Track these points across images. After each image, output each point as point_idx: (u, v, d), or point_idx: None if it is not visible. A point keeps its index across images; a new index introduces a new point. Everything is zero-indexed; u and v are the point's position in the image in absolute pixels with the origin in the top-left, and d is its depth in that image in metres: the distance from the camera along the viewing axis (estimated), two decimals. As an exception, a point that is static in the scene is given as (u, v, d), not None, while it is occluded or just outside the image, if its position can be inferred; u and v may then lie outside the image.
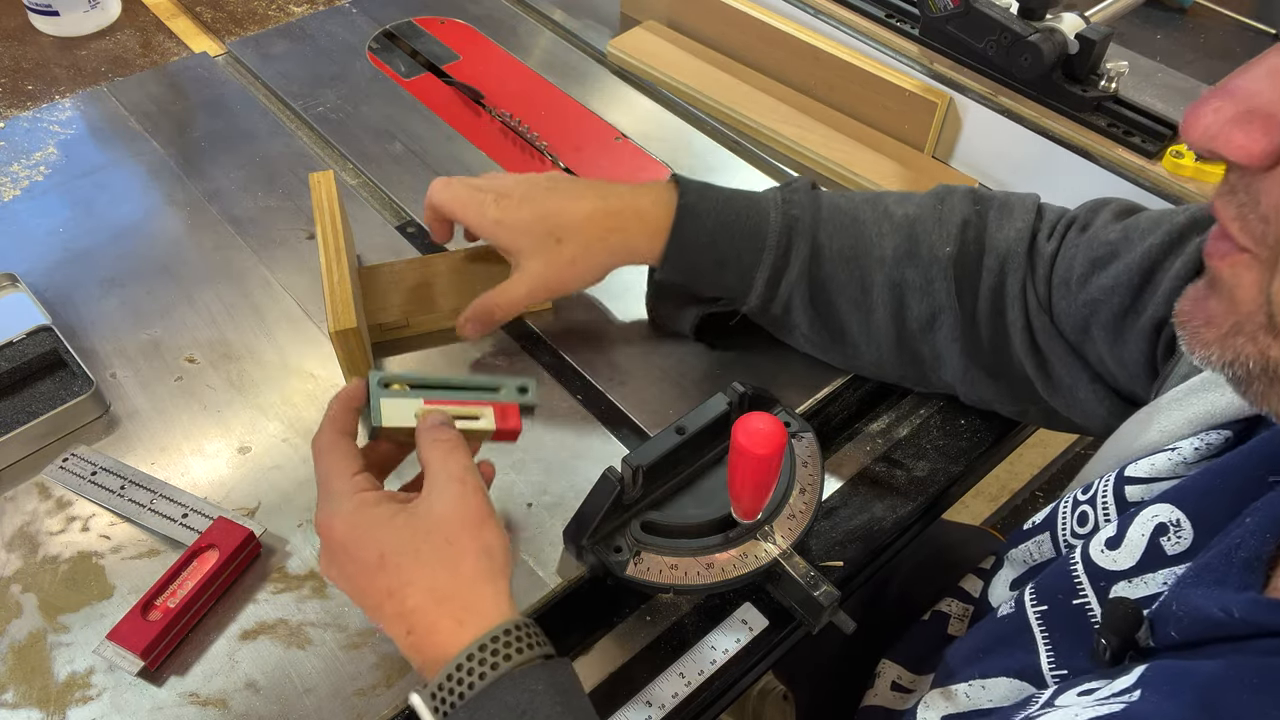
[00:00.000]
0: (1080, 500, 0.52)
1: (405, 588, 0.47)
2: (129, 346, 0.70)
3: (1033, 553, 0.56)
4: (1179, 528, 0.43)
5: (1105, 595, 0.45)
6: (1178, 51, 1.04)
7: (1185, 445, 0.46)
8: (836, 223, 0.62)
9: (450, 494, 0.48)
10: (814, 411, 0.69)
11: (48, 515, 0.61)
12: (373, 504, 0.49)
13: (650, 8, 1.02)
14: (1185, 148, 0.76)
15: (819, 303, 0.63)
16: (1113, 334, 0.55)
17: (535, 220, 0.62)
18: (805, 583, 0.55)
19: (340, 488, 0.50)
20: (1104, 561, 0.46)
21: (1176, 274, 0.52)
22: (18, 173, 0.83)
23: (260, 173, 0.84)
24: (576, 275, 0.64)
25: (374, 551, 0.48)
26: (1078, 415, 0.61)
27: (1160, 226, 0.54)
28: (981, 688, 0.50)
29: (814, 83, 0.92)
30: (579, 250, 0.63)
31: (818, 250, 0.62)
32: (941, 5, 0.84)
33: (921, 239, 0.61)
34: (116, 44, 1.01)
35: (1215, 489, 0.43)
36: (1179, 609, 0.39)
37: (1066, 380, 0.59)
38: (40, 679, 0.54)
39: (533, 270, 0.63)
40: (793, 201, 0.63)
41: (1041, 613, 0.49)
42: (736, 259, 0.62)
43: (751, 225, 0.62)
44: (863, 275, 0.62)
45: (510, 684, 0.44)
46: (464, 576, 0.47)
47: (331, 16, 1.03)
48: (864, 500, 0.66)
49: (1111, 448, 0.53)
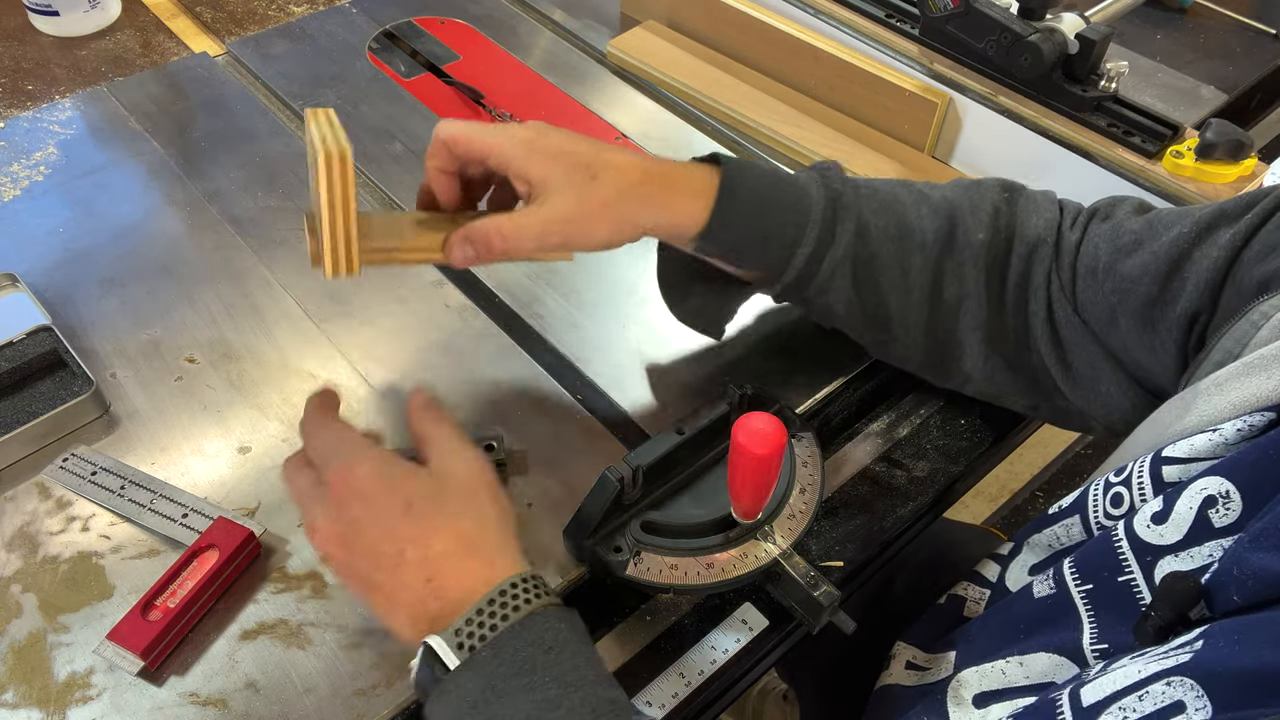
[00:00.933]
0: (1113, 482, 0.51)
1: (433, 534, 0.48)
2: (129, 346, 0.70)
3: (1060, 536, 0.56)
4: (1228, 499, 0.43)
5: (1151, 570, 0.45)
6: (1178, 51, 1.04)
7: (1227, 427, 0.46)
8: (878, 201, 0.60)
9: (464, 457, 0.52)
10: (814, 411, 0.69)
11: (48, 515, 0.61)
12: (394, 459, 0.51)
13: (650, 8, 1.02)
14: (1185, 148, 0.76)
15: (862, 281, 0.60)
16: (1141, 323, 0.55)
17: (571, 149, 0.55)
18: (805, 583, 0.55)
19: (360, 443, 0.52)
20: (1150, 536, 0.45)
21: (1205, 266, 0.52)
22: (18, 173, 0.83)
23: (260, 173, 0.84)
24: (606, 222, 0.55)
25: (400, 499, 0.49)
26: (1097, 409, 0.61)
27: (1187, 217, 0.55)
28: (1020, 664, 0.50)
29: (814, 83, 0.92)
30: (614, 193, 0.55)
31: (864, 227, 0.59)
32: (941, 5, 0.84)
33: (959, 223, 0.60)
34: (116, 44, 1.01)
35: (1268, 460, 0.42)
36: (1240, 573, 0.39)
37: (1087, 372, 0.59)
38: (40, 679, 0.54)
39: (556, 204, 0.54)
40: (831, 178, 0.61)
41: (1087, 591, 0.48)
42: (779, 232, 0.59)
43: (793, 198, 0.59)
44: (903, 256, 0.60)
45: (539, 620, 0.46)
46: (490, 528, 0.50)
47: (331, 16, 1.03)
48: (864, 500, 0.66)
49: (1144, 432, 0.53)
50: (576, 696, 0.44)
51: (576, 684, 0.45)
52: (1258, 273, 0.50)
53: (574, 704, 0.44)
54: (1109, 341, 0.58)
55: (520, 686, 0.45)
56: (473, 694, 0.44)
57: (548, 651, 0.45)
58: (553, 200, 0.54)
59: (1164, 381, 0.57)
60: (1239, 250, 0.51)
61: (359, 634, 0.56)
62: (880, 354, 0.67)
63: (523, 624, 0.46)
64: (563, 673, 0.45)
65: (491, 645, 0.45)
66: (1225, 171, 0.75)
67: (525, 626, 0.46)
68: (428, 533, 0.48)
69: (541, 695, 0.44)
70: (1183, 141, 0.78)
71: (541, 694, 0.44)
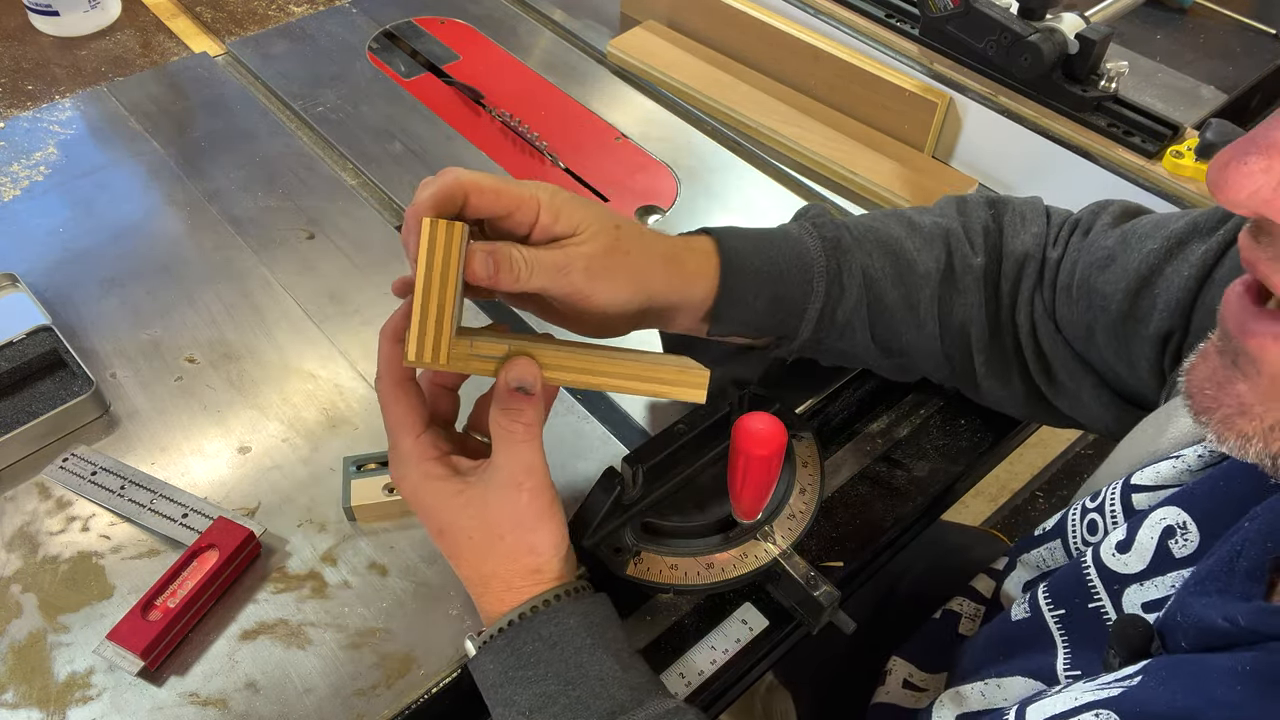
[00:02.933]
0: (1089, 508, 0.52)
1: (457, 560, 0.52)
2: (129, 346, 0.70)
3: (1045, 559, 0.57)
4: (1186, 530, 0.43)
5: (1119, 599, 0.45)
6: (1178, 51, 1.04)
7: (1189, 454, 0.46)
8: (872, 240, 0.59)
9: (504, 497, 0.50)
10: (814, 411, 0.69)
11: (48, 515, 0.61)
12: (436, 478, 0.51)
13: (650, 8, 1.02)
14: (1185, 148, 0.76)
15: (876, 324, 0.60)
16: (1116, 339, 0.55)
17: (599, 206, 0.54)
18: (805, 583, 0.55)
19: (406, 450, 0.51)
20: (1116, 565, 0.46)
21: (1176, 284, 0.52)
22: (18, 173, 0.83)
23: (260, 173, 0.84)
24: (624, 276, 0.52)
25: (435, 523, 0.52)
26: (1084, 418, 0.61)
27: (1159, 231, 0.54)
28: (997, 687, 0.50)
29: (814, 83, 0.92)
30: (638, 250, 0.53)
31: (868, 271, 0.59)
32: (941, 5, 0.84)
33: (955, 249, 0.60)
34: (116, 44, 1.01)
35: (1219, 492, 0.43)
36: (1183, 619, 0.39)
37: (1070, 385, 0.59)
38: (40, 679, 0.54)
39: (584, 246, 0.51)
40: (823, 225, 0.59)
41: (1060, 616, 0.49)
42: (787, 294, 0.57)
43: (794, 255, 0.57)
44: (910, 293, 0.59)
45: (545, 618, 0.49)
46: (506, 568, 0.51)
47: (331, 16, 1.03)
48: (864, 500, 0.66)
49: (1121, 454, 0.53)
50: (573, 694, 0.47)
51: (575, 682, 0.47)
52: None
53: (570, 701, 0.47)
54: (1089, 356, 0.58)
55: (526, 678, 0.48)
56: (493, 676, 0.49)
57: (551, 647, 0.48)
58: (578, 242, 0.51)
59: (1146, 392, 0.57)
60: (1210, 269, 0.51)
61: (359, 634, 0.56)
62: (903, 378, 0.66)
63: (533, 617, 0.49)
64: (564, 669, 0.47)
65: (505, 635, 0.49)
66: (1225, 171, 0.75)
67: (533, 622, 0.49)
68: (455, 557, 0.52)
69: (541, 689, 0.47)
70: (1183, 141, 0.78)
71: (541, 688, 0.47)
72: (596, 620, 0.50)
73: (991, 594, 0.63)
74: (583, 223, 0.52)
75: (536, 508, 0.50)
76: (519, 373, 0.49)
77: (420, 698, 0.54)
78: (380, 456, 0.63)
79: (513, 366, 0.49)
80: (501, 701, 0.48)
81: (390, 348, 0.51)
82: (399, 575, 0.59)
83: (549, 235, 0.51)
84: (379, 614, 0.57)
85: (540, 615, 0.49)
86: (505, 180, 0.51)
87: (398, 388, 0.51)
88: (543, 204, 0.50)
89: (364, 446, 0.65)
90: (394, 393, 0.51)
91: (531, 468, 0.50)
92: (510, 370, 0.49)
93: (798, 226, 0.60)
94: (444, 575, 0.59)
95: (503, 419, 0.50)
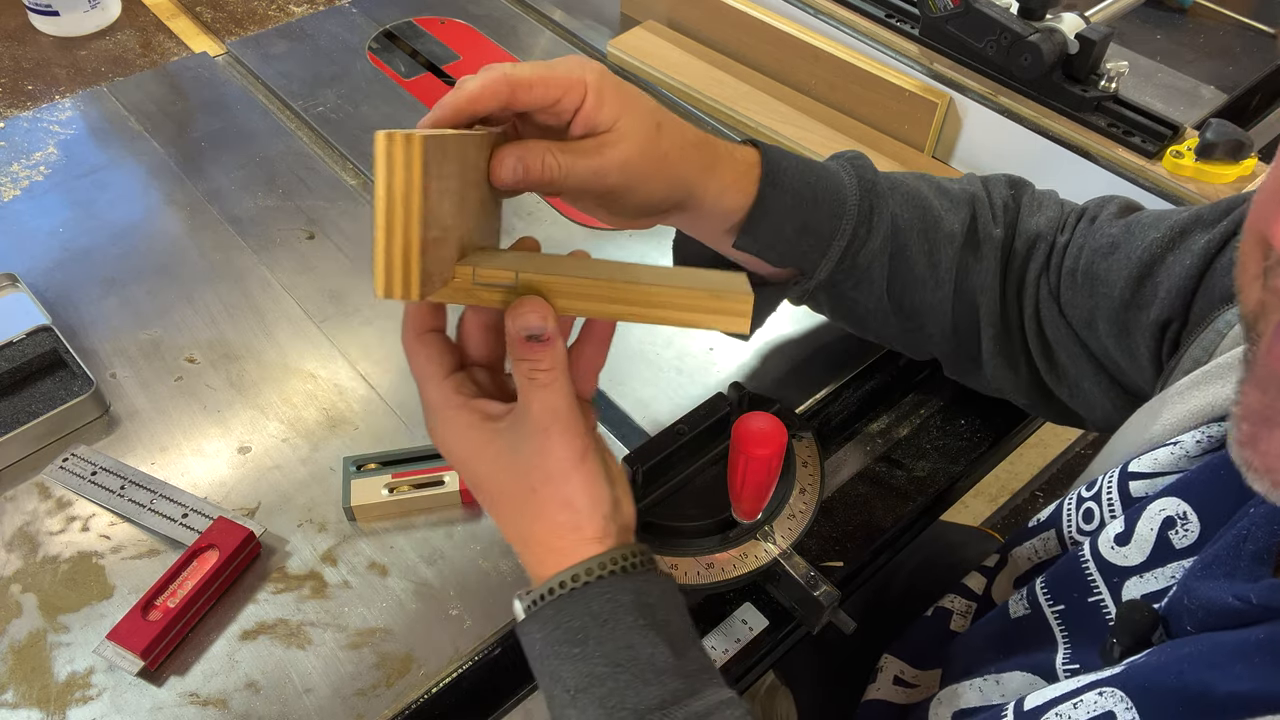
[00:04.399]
0: (1085, 497, 0.52)
1: (496, 516, 0.48)
2: (129, 346, 0.70)
3: (1038, 549, 0.56)
4: (1186, 520, 0.43)
5: (1118, 591, 0.45)
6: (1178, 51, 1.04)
7: (1187, 439, 0.46)
8: (903, 192, 0.58)
9: (532, 445, 0.45)
10: (814, 411, 0.69)
11: (48, 515, 0.61)
12: (463, 425, 0.46)
13: (650, 8, 1.02)
14: (1185, 148, 0.76)
15: (895, 276, 0.58)
16: (1117, 327, 0.56)
17: (639, 94, 0.50)
18: (805, 583, 0.55)
19: (430, 398, 0.47)
20: (1114, 558, 0.46)
21: (1177, 272, 0.52)
22: (18, 173, 0.83)
23: (260, 173, 0.84)
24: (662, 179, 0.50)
25: (469, 476, 0.48)
26: (1082, 408, 0.61)
27: (1163, 222, 0.55)
28: (996, 683, 0.50)
29: (814, 83, 0.92)
30: (675, 149, 0.50)
31: (895, 220, 0.57)
32: (941, 5, 0.84)
33: (979, 215, 0.59)
34: (116, 44, 1.01)
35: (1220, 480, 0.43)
36: (1190, 603, 0.39)
37: (1072, 371, 0.60)
38: (40, 679, 0.54)
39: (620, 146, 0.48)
40: (863, 168, 0.58)
41: (1059, 611, 0.49)
42: (816, 225, 0.55)
43: (831, 189, 0.55)
44: (933, 249, 0.58)
45: (596, 591, 0.44)
46: (543, 527, 0.46)
47: (331, 16, 1.03)
48: (864, 500, 0.66)
49: (1117, 443, 0.53)
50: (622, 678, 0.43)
51: (624, 664, 0.44)
52: (1228, 282, 0.50)
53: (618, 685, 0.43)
54: (1090, 344, 0.59)
55: (573, 655, 0.44)
56: (539, 646, 0.45)
57: (601, 624, 0.44)
58: (616, 142, 0.48)
59: (1142, 385, 0.57)
60: (1212, 258, 0.51)
61: (359, 634, 0.56)
62: (905, 348, 0.65)
63: (582, 592, 0.45)
64: (612, 650, 0.44)
65: (554, 605, 0.45)
66: (1225, 171, 0.75)
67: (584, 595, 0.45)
68: (492, 513, 0.48)
69: (588, 669, 0.44)
70: (1183, 141, 0.78)
71: (588, 667, 0.44)
72: (651, 598, 0.45)
73: (983, 591, 0.63)
74: (623, 116, 0.48)
75: (568, 456, 0.45)
76: (525, 320, 0.43)
77: (420, 698, 0.54)
78: (380, 456, 0.63)
79: (519, 313, 0.44)
80: (548, 674, 0.45)
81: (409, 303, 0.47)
82: (399, 575, 0.59)
83: (590, 123, 0.48)
84: (379, 614, 0.57)
85: (591, 589, 0.45)
86: (548, 66, 0.47)
87: (418, 340, 0.48)
88: (590, 86, 0.47)
89: (364, 446, 0.65)
90: (414, 345, 0.48)
91: (557, 411, 0.45)
92: (516, 318, 0.44)
93: (836, 163, 0.58)
94: (444, 575, 0.59)
95: (522, 369, 0.45)
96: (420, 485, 0.61)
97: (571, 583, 0.45)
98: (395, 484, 0.61)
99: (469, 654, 0.55)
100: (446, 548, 0.60)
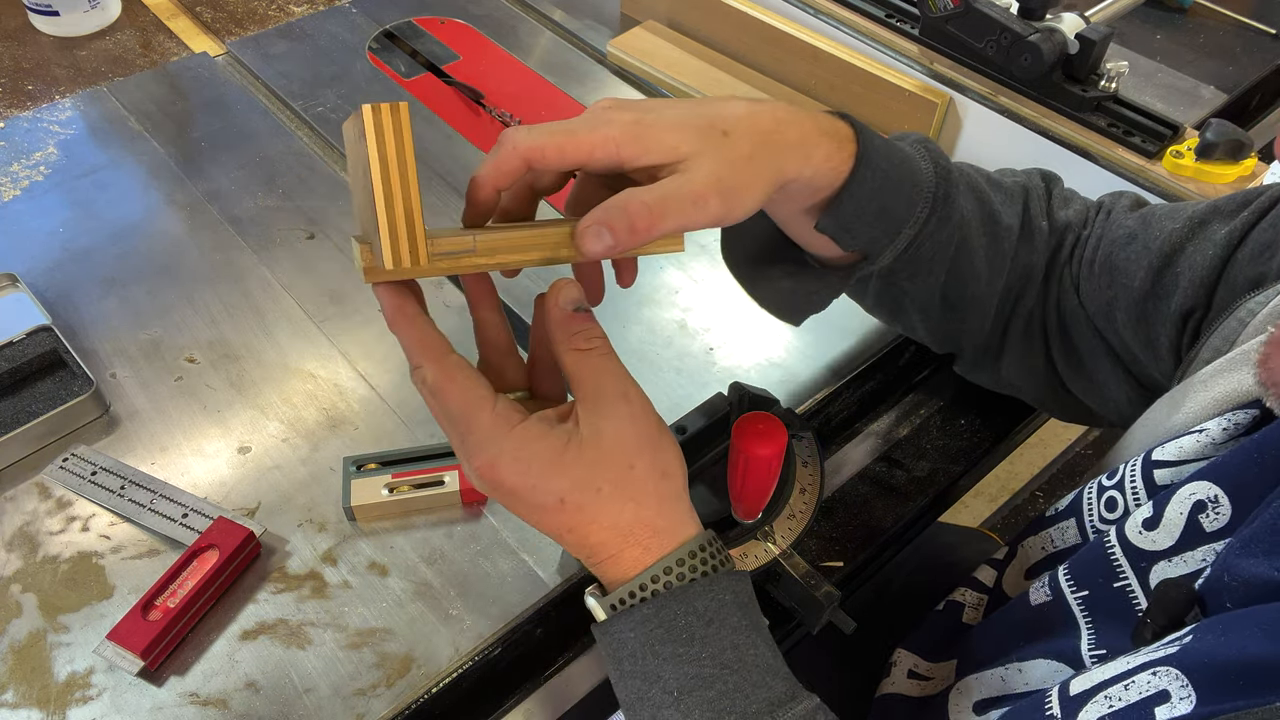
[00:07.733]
0: (1106, 486, 0.52)
1: (588, 525, 0.44)
2: (129, 346, 0.70)
3: (1054, 539, 0.56)
4: (1217, 504, 0.43)
5: (1145, 576, 0.45)
6: (1178, 51, 1.04)
7: (1213, 425, 0.46)
8: (965, 183, 0.56)
9: (618, 416, 0.43)
10: (814, 411, 0.69)
11: (48, 515, 0.61)
12: (536, 438, 0.43)
13: (650, 8, 1.02)
14: (1185, 148, 0.76)
15: (954, 274, 0.56)
16: (1136, 317, 0.56)
17: (690, 114, 0.46)
18: (805, 583, 0.55)
19: (486, 426, 0.43)
20: (1142, 543, 0.46)
21: (1199, 262, 0.52)
22: (18, 173, 0.83)
23: (260, 173, 0.84)
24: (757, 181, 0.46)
25: (552, 496, 0.43)
26: (1095, 400, 0.61)
27: (1179, 213, 0.55)
28: (1019, 670, 0.50)
29: (814, 83, 0.92)
30: (752, 145, 0.46)
31: (963, 213, 0.55)
32: (941, 5, 0.84)
33: (1032, 207, 0.59)
34: (116, 44, 1.01)
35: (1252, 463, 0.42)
36: (1231, 579, 0.39)
37: (1089, 362, 0.60)
38: (40, 679, 0.54)
39: (702, 167, 0.44)
40: (935, 152, 0.54)
41: (1083, 597, 0.49)
42: (894, 208, 0.52)
43: (911, 172, 0.52)
44: (992, 242, 0.57)
45: (700, 590, 0.43)
46: (647, 507, 0.44)
47: (331, 16, 1.03)
48: (864, 500, 0.66)
49: (1138, 432, 0.53)
50: (731, 681, 0.43)
51: (733, 666, 0.43)
52: (1250, 271, 0.50)
53: (727, 688, 0.42)
54: (1107, 334, 0.59)
55: (677, 655, 0.43)
56: (632, 646, 0.43)
57: (708, 624, 0.43)
58: (694, 167, 0.44)
59: (1160, 376, 0.57)
60: (1234, 248, 0.52)
61: (359, 634, 0.56)
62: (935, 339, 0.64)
63: (685, 590, 0.43)
64: (720, 651, 0.43)
65: (654, 605, 0.43)
66: (1225, 171, 0.75)
67: (688, 594, 0.43)
68: (585, 524, 0.44)
69: (695, 670, 0.42)
70: (1183, 141, 0.78)
71: (695, 669, 0.42)
72: (745, 597, 0.45)
73: (994, 583, 0.63)
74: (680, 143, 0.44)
75: (649, 419, 0.44)
76: (568, 294, 0.44)
77: (420, 698, 0.54)
78: (380, 456, 0.63)
79: (559, 291, 0.44)
80: (640, 674, 0.43)
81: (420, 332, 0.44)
82: (399, 575, 0.59)
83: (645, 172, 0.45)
84: (379, 614, 0.57)
85: (695, 586, 0.43)
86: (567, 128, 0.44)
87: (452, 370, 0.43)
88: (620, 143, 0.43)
89: (364, 446, 0.65)
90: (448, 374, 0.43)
91: (627, 377, 0.44)
92: (559, 295, 0.44)
93: (909, 145, 0.54)
94: (444, 575, 0.59)
95: (574, 343, 0.44)
96: (420, 485, 0.61)
97: (676, 581, 0.43)
98: (395, 484, 0.61)
99: (469, 654, 0.55)
100: (446, 548, 0.60)
